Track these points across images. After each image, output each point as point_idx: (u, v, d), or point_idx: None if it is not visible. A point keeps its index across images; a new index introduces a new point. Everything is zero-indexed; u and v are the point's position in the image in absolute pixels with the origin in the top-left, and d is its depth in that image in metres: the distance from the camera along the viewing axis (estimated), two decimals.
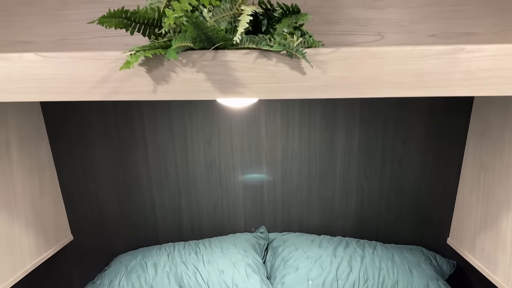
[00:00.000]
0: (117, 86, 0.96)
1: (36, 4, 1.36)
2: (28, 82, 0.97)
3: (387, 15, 1.32)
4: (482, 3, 1.32)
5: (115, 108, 1.78)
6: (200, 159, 1.86)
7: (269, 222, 1.94)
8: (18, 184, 1.59)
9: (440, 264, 1.81)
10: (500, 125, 1.49)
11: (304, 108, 1.79)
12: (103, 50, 1.35)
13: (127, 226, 1.95)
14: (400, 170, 1.85)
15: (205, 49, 0.94)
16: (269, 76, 0.95)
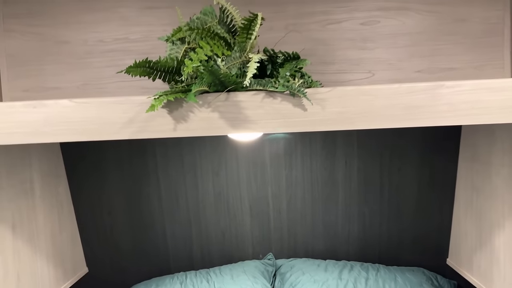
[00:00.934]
0: (142, 126, 1.09)
1: (63, 54, 1.52)
2: (63, 125, 1.10)
3: (376, 55, 1.48)
4: (459, 42, 1.49)
5: (130, 146, 1.92)
6: (209, 190, 1.97)
7: (276, 248, 2.03)
8: (40, 218, 1.70)
9: (441, 284, 1.89)
10: (487, 149, 1.62)
11: (305, 139, 1.93)
12: (121, 93, 1.50)
13: (140, 257, 2.03)
14: (398, 195, 1.96)
15: (219, 92, 1.08)
16: (275, 113, 1.08)
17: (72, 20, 1.51)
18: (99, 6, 1.50)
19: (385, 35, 1.49)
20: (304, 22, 1.48)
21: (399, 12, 1.48)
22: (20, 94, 1.54)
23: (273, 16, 1.46)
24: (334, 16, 1.48)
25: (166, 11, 1.50)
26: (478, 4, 1.48)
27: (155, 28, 1.50)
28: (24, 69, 1.53)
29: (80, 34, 1.52)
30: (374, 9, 1.48)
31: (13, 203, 1.53)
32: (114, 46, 1.51)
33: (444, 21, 1.49)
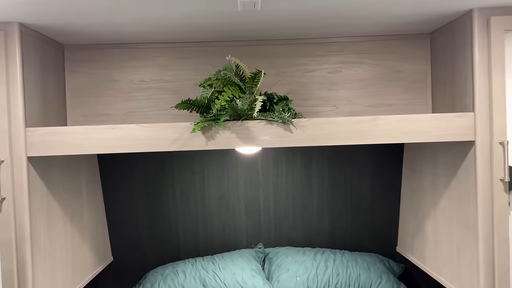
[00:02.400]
0: (185, 142, 1.65)
1: (114, 89, 2.07)
2: (132, 141, 1.65)
3: (339, 94, 2.10)
4: (396, 86, 2.12)
5: (152, 158, 2.45)
6: (213, 193, 2.52)
7: (265, 239, 2.58)
8: (85, 214, 2.21)
9: (392, 266, 2.47)
10: (420, 162, 2.24)
11: (288, 155, 2.51)
12: (157, 120, 2.07)
13: (156, 247, 2.54)
14: (358, 197, 2.56)
15: (236, 120, 1.66)
16: (272, 134, 1.66)
17: (121, 64, 2.08)
18: (142, 55, 2.08)
19: (345, 80, 2.12)
20: (289, 70, 2.10)
21: (355, 65, 2.11)
22: (79, 118, 2.07)
23: (267, 65, 2.06)
24: (310, 66, 2.11)
25: (191, 60, 2.08)
26: (409, 61, 2.12)
27: (183, 72, 2.08)
28: (84, 99, 2.08)
29: (127, 75, 2.08)
30: (337, 63, 2.11)
31: (70, 201, 2.04)
32: (152, 84, 2.08)
33: (387, 71, 2.13)
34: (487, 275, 1.68)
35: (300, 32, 1.99)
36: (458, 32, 1.82)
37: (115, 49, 2.07)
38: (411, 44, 2.12)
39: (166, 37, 2.01)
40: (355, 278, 2.27)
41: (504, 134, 1.67)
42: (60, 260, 1.90)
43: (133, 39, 2.02)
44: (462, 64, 1.79)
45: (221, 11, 1.63)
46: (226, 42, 2.08)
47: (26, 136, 1.64)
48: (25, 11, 1.53)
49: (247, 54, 2.04)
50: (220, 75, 1.72)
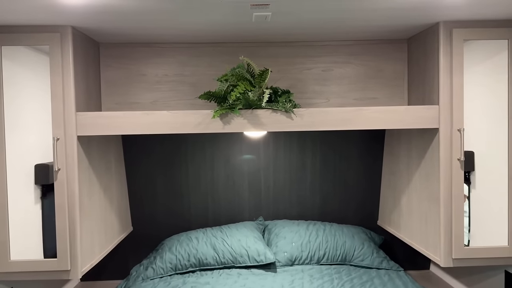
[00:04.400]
0: (206, 126, 2.04)
1: (141, 82, 2.45)
2: (164, 124, 2.03)
3: (330, 89, 2.51)
4: (379, 83, 2.53)
5: (169, 140, 2.83)
6: (221, 172, 2.91)
7: (264, 213, 2.98)
8: (113, 188, 2.59)
9: (373, 237, 2.89)
10: (397, 147, 2.66)
11: (286, 140, 2.91)
12: (178, 107, 2.44)
13: (170, 218, 2.91)
14: (345, 177, 2.96)
15: (247, 109, 2.05)
16: (276, 120, 2.06)
17: (148, 61, 2.45)
18: (166, 53, 2.46)
19: (336, 77, 2.52)
20: (290, 68, 2.49)
21: (344, 65, 2.52)
22: (112, 106, 2.45)
23: (272, 64, 2.45)
24: (307, 65, 2.51)
25: (207, 58, 2.47)
26: (390, 62, 2.53)
27: (200, 68, 2.47)
28: (116, 90, 2.45)
29: (153, 70, 2.46)
30: (330, 62, 2.51)
31: (103, 175, 2.42)
32: (174, 78, 2.47)
33: (371, 70, 2.54)
34: (446, 236, 2.11)
35: (299, 36, 2.38)
36: (428, 39, 2.23)
37: (143, 48, 2.45)
38: (392, 48, 2.53)
39: (186, 38, 2.39)
40: (341, 244, 2.70)
41: (461, 123, 2.09)
42: (96, 223, 2.29)
43: (158, 40, 2.40)
44: (431, 66, 2.20)
45: (237, 21, 2.01)
46: (237, 43, 2.47)
47: (77, 119, 2.02)
48: (77, 17, 1.90)
49: (254, 54, 2.42)
50: (235, 72, 2.11)
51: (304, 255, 2.65)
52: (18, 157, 2.09)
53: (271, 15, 1.90)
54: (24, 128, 2.14)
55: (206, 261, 2.58)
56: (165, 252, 2.64)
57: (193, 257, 2.58)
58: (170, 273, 2.55)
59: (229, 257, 2.58)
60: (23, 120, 2.14)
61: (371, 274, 2.50)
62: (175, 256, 2.59)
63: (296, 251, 2.65)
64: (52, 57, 1.98)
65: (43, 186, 2.21)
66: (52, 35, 1.96)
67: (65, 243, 2.00)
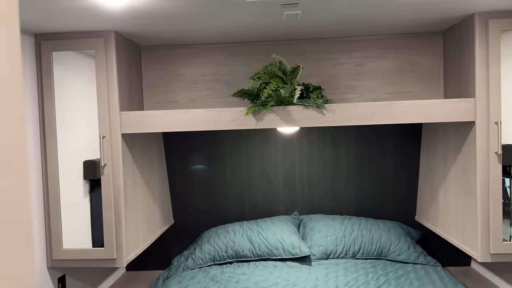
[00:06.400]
0: (240, 122, 2.13)
1: (180, 81, 2.57)
2: (200, 121, 2.14)
3: (364, 84, 2.52)
4: (413, 76, 2.51)
5: (207, 137, 2.95)
6: (257, 168, 2.99)
7: (299, 207, 3.04)
8: (156, 181, 2.74)
9: (410, 232, 2.87)
10: (433, 141, 2.63)
11: (320, 135, 2.95)
12: (214, 105, 2.54)
13: (209, 212, 3.03)
14: (381, 172, 2.95)
15: (279, 105, 2.12)
16: (308, 116, 2.11)
17: (186, 61, 2.58)
18: (202, 54, 2.57)
19: (369, 72, 2.53)
20: (322, 64, 2.53)
21: (377, 59, 2.52)
22: (153, 105, 2.59)
23: (303, 60, 2.49)
24: (339, 61, 2.54)
25: (241, 57, 2.55)
26: (425, 55, 2.51)
27: (234, 67, 2.56)
28: (156, 90, 2.59)
29: (190, 70, 2.58)
30: (362, 57, 2.52)
31: (146, 170, 2.57)
32: (210, 77, 2.58)
33: (405, 64, 2.52)
34: (483, 230, 2.07)
35: (331, 32, 2.41)
36: (464, 31, 2.19)
37: (180, 49, 2.57)
38: (426, 41, 2.50)
39: (221, 39, 2.49)
40: (377, 239, 2.70)
41: (499, 115, 2.04)
42: (140, 215, 2.44)
43: (195, 41, 2.51)
44: (467, 58, 2.16)
45: (269, 21, 2.08)
46: (269, 41, 2.54)
47: (121, 118, 2.17)
48: (120, 23, 2.04)
49: (286, 51, 2.48)
50: (267, 70, 2.18)
51: (339, 249, 2.68)
52: (68, 154, 2.27)
53: (301, 13, 1.95)
54: (74, 127, 2.33)
55: (242, 253, 2.67)
56: (204, 243, 2.76)
57: (231, 249, 2.69)
58: (209, 264, 2.67)
59: (265, 249, 2.67)
60: (72, 119, 2.32)
61: (407, 268, 2.50)
62: (214, 247, 2.71)
63: (331, 245, 2.69)
64: (97, 61, 2.13)
65: (91, 181, 2.39)
66: (97, 40, 2.12)
67: (111, 233, 2.16)
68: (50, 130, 2.16)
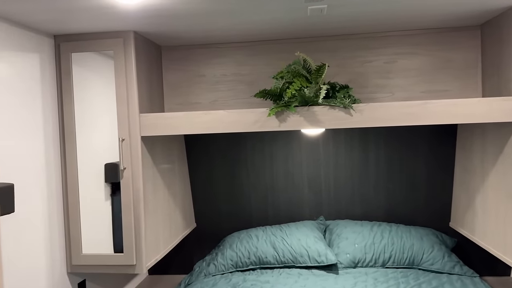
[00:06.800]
0: (262, 124, 2.03)
1: (201, 82, 2.50)
2: (221, 123, 2.06)
3: (395, 82, 2.37)
4: (449, 73, 2.35)
5: (229, 140, 2.86)
6: (280, 170, 2.88)
7: (325, 212, 2.91)
8: (177, 184, 2.68)
9: (445, 239, 2.69)
10: (470, 141, 2.45)
11: (347, 136, 2.81)
12: (236, 106, 2.46)
13: (232, 215, 2.94)
14: (413, 175, 2.78)
15: (303, 106, 2.01)
16: (334, 117, 1.99)
17: (207, 62, 2.50)
18: (223, 53, 2.49)
19: (400, 69, 2.38)
20: (349, 62, 2.40)
21: (409, 55, 2.37)
22: (174, 106, 2.53)
23: (330, 58, 2.38)
24: (367, 58, 2.40)
25: (263, 56, 2.46)
26: (461, 51, 2.34)
27: (257, 67, 2.47)
28: (178, 91, 2.53)
29: (212, 70, 2.50)
30: (393, 54, 2.38)
31: (167, 172, 2.51)
32: (232, 78, 2.49)
33: (439, 60, 2.36)
34: None
35: (358, 28, 2.28)
36: (503, 24, 2.02)
37: (201, 49, 2.50)
38: (463, 35, 2.32)
39: (242, 38, 2.40)
40: (408, 247, 2.54)
41: None
42: (161, 220, 2.38)
43: (216, 40, 2.43)
44: (507, 53, 1.99)
45: (292, 17, 1.97)
46: (293, 39, 2.43)
47: (140, 120, 2.11)
48: (139, 22, 1.98)
49: (311, 49, 2.36)
50: (290, 69, 2.08)
51: (368, 257, 2.54)
52: (90, 157, 2.23)
53: (327, 7, 1.84)
54: (96, 129, 2.29)
55: (266, 259, 2.57)
56: (226, 249, 2.68)
57: (253, 255, 2.59)
58: (231, 270, 2.59)
59: (289, 256, 2.56)
60: (94, 121, 2.29)
61: (441, 279, 2.33)
62: (236, 253, 2.62)
63: (360, 253, 2.55)
64: (116, 61, 2.08)
65: (112, 184, 2.35)
66: (115, 41, 2.07)
67: (131, 239, 2.11)
68: (69, 132, 2.13)
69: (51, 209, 2.08)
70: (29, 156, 1.95)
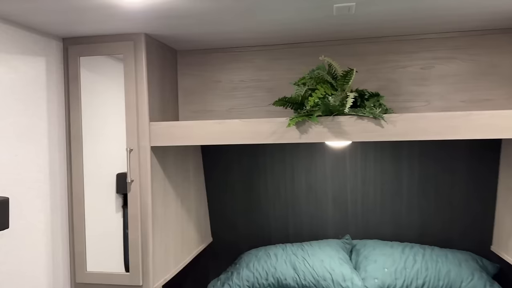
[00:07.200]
0: (280, 135, 1.84)
1: (217, 89, 2.33)
2: (235, 134, 1.88)
3: (431, 90, 2.13)
4: (493, 81, 2.09)
5: (247, 149, 2.68)
6: (302, 183, 2.67)
7: (352, 231, 2.67)
8: (191, 197, 2.51)
9: (485, 265, 2.41)
10: None
11: (377, 149, 2.57)
12: (254, 115, 2.27)
13: (250, 231, 2.75)
14: (450, 192, 2.51)
15: (327, 115, 1.80)
16: (363, 129, 1.77)
17: (224, 66, 2.33)
18: (241, 58, 2.31)
19: (437, 75, 2.13)
20: (380, 67, 2.18)
21: (448, 60, 2.12)
22: (189, 114, 2.38)
23: (358, 63, 2.16)
24: (401, 63, 2.16)
25: (285, 61, 2.27)
26: (507, 55, 2.07)
27: (277, 72, 2.28)
28: (192, 98, 2.38)
29: (229, 76, 2.33)
30: (429, 58, 2.13)
31: (180, 184, 2.35)
32: (250, 84, 2.31)
33: (482, 66, 2.10)
34: None
35: (391, 29, 2.06)
36: None
37: (218, 53, 2.33)
38: (510, 38, 2.06)
39: (262, 41, 2.21)
40: (444, 273, 2.28)
41: None
42: (172, 235, 2.22)
43: (234, 44, 2.26)
44: None
45: (316, 17, 1.78)
46: (318, 42, 2.23)
47: (150, 129, 1.96)
48: (150, 24, 1.83)
49: (338, 53, 2.16)
50: (313, 74, 1.88)
51: (399, 283, 2.28)
52: (101, 166, 2.10)
53: (355, 5, 1.63)
54: (107, 137, 2.16)
55: (285, 281, 2.37)
56: (242, 268, 2.49)
57: (271, 276, 2.39)
58: None
59: (311, 279, 2.34)
60: (106, 128, 2.15)
61: None
62: (253, 273, 2.42)
63: (389, 278, 2.30)
64: (126, 66, 1.94)
65: (124, 195, 2.21)
66: (125, 44, 1.93)
67: (137, 257, 1.95)
68: (76, 140, 2.00)
69: (55, 223, 1.96)
70: (31, 166, 1.83)
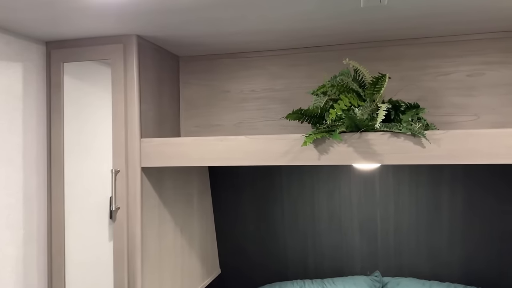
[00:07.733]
0: (295, 156, 1.50)
1: (225, 100, 2.02)
2: (240, 154, 1.55)
3: (480, 101, 1.75)
4: None
5: (260, 171, 2.35)
6: (324, 210, 2.31)
7: (382, 266, 2.28)
8: (195, 225, 2.19)
9: None
10: None
11: (412, 170, 2.19)
12: (267, 131, 1.95)
13: (264, 262, 2.41)
14: (502, 224, 2.09)
15: (353, 132, 1.45)
16: (398, 149, 1.42)
17: (232, 75, 2.02)
18: (253, 64, 2.00)
19: (488, 84, 1.75)
20: (417, 74, 1.81)
21: (501, 66, 1.74)
22: (192, 129, 2.07)
23: (391, 69, 1.81)
24: (443, 69, 1.79)
25: (304, 67, 1.93)
26: None
27: (295, 80, 1.94)
28: (196, 111, 2.07)
29: (238, 85, 2.02)
30: (478, 64, 1.76)
31: (181, 211, 2.03)
32: (262, 94, 1.99)
33: None
34: None
35: (431, 29, 1.70)
36: None
37: (226, 59, 2.03)
38: None
39: (278, 45, 1.90)
40: None
41: None
42: (169, 271, 1.89)
43: (244, 49, 1.96)
44: None
45: (340, 12, 1.44)
46: (343, 45, 1.89)
47: (141, 147, 1.66)
48: (142, 23, 1.55)
49: (367, 57, 1.82)
50: (335, 81, 1.54)
51: None
52: (89, 189, 1.82)
53: None
54: (96, 155, 1.86)
55: None
56: None
57: None
58: None
59: None
60: (95, 145, 1.86)
61: None
62: None
63: None
64: (113, 72, 1.66)
65: None
66: (114, 47, 1.65)
67: None
68: (56, 159, 1.72)
69: (28, 257, 1.67)
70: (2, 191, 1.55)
